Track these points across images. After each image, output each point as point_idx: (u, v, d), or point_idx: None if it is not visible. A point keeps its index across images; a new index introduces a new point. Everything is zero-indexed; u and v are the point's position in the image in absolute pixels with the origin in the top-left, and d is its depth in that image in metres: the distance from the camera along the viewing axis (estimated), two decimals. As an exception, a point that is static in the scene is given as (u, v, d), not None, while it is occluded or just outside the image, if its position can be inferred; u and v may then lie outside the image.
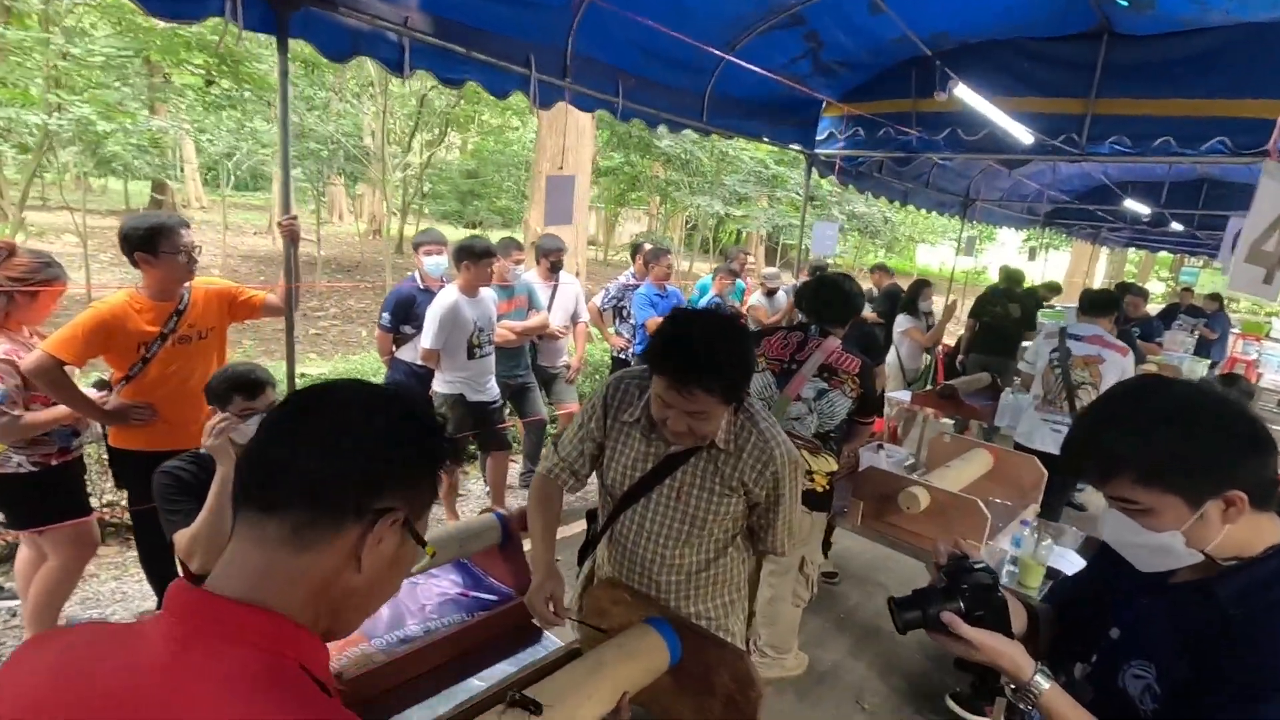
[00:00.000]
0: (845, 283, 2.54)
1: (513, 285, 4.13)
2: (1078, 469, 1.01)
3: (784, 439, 1.52)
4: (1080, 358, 3.57)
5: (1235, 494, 0.91)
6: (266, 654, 0.61)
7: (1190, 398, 0.95)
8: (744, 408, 1.52)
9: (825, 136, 5.47)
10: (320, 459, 0.67)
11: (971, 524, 2.26)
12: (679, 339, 1.33)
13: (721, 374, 1.31)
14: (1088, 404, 2.25)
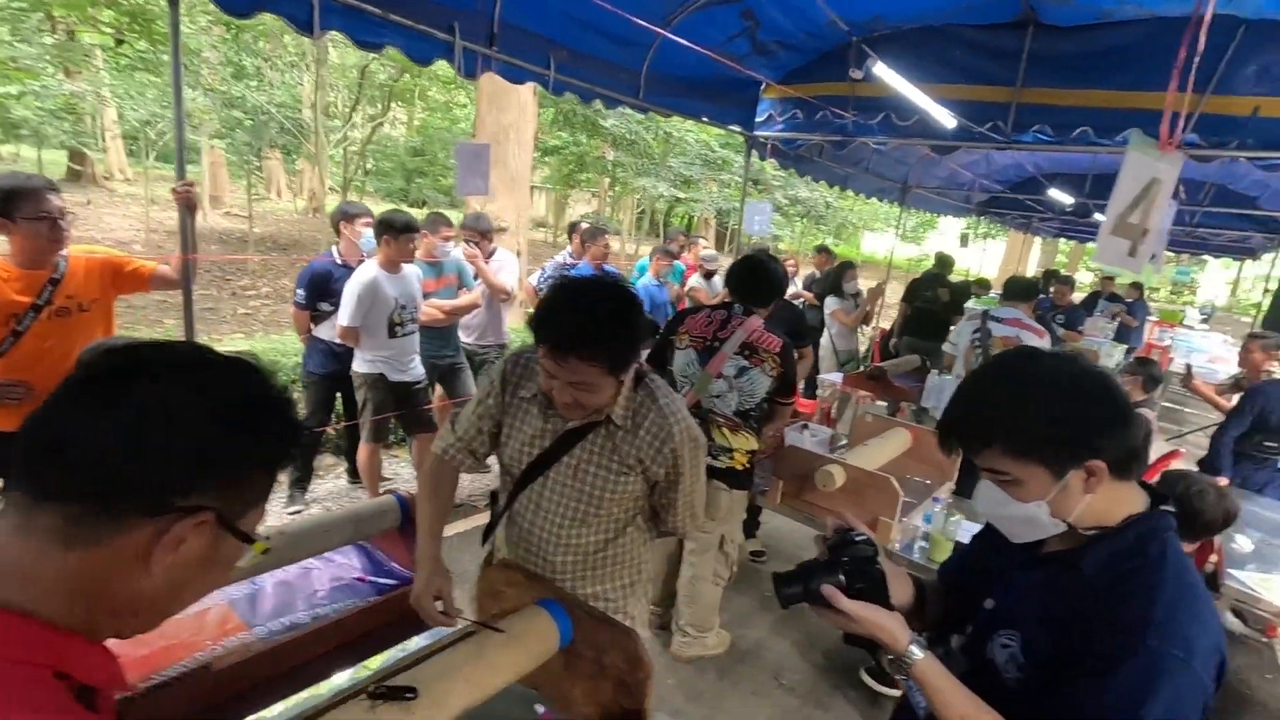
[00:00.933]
0: (769, 263, 2.53)
1: (441, 262, 4.00)
2: (951, 441, 1.01)
3: (685, 416, 1.48)
4: (1000, 339, 3.68)
5: (1096, 464, 0.92)
6: (6, 663, 0.53)
7: (1055, 370, 0.95)
8: (645, 383, 1.47)
9: (764, 118, 5.47)
10: (113, 444, 0.57)
11: (885, 501, 2.30)
12: (559, 306, 1.28)
13: (601, 343, 1.26)
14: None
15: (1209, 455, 3.72)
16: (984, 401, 0.97)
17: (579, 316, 1.25)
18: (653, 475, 1.47)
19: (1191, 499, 2.03)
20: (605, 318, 1.26)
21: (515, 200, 7.40)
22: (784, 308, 3.51)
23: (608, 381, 1.34)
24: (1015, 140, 4.39)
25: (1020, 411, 0.93)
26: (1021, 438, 0.93)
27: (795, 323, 3.51)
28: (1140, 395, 3.91)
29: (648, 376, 1.49)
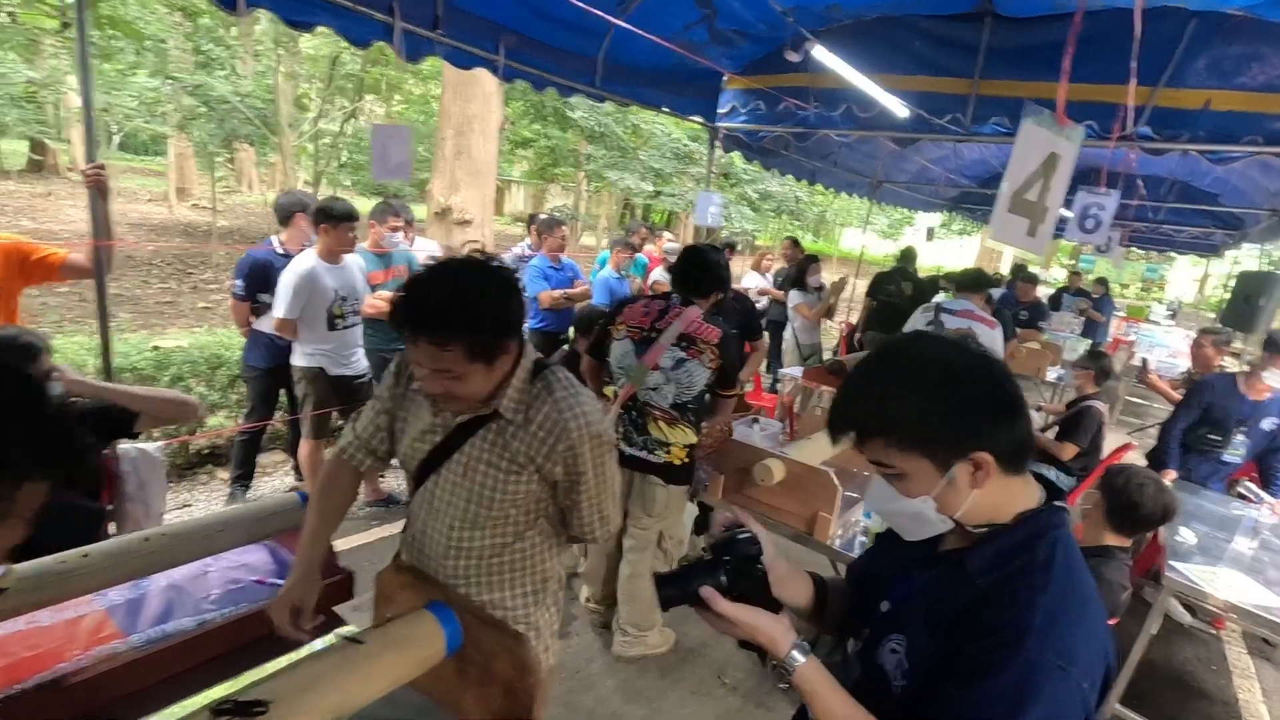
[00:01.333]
0: (710, 254, 2.46)
1: (390, 254, 3.89)
2: (836, 431, 0.95)
3: (586, 411, 1.35)
4: (952, 330, 3.65)
5: (982, 456, 0.86)
6: None
7: (940, 357, 0.89)
8: (545, 375, 1.37)
9: (728, 110, 5.41)
10: None
11: (824, 496, 2.25)
12: (414, 287, 1.19)
13: (449, 326, 1.16)
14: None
15: (1157, 448, 3.73)
16: (866, 391, 0.91)
17: (429, 297, 1.16)
18: (549, 475, 1.35)
19: (1130, 491, 2.00)
20: (458, 299, 1.15)
21: (481, 192, 7.28)
22: (736, 300, 3.46)
23: (475, 369, 1.23)
24: (975, 132, 4.37)
25: (902, 401, 0.87)
26: (903, 429, 0.87)
27: (747, 316, 3.46)
28: (1092, 388, 3.91)
29: (550, 368, 1.39)
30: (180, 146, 18.24)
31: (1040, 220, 1.67)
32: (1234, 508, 3.40)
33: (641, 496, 2.42)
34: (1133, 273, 32.46)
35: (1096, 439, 3.84)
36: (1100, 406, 3.80)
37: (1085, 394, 3.90)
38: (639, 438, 2.37)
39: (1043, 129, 1.86)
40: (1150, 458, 3.81)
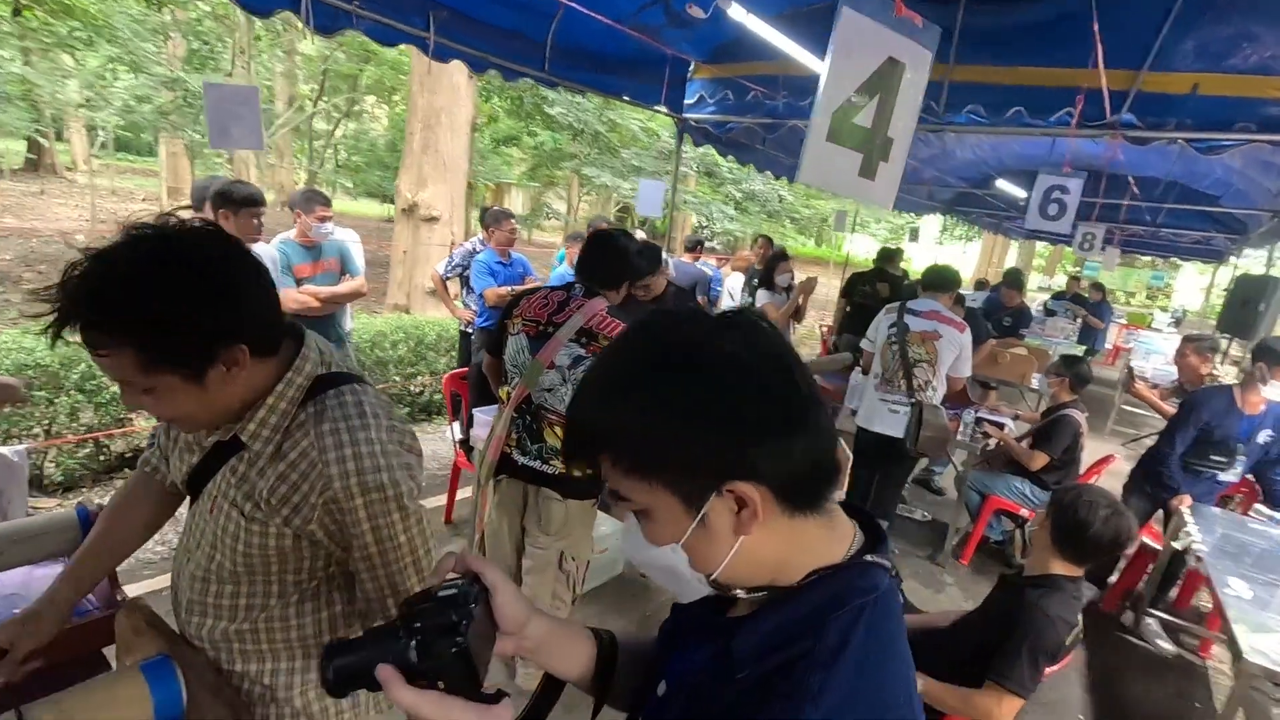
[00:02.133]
0: (619, 239, 2.19)
1: (320, 245, 3.63)
2: (568, 449, 0.67)
3: (363, 454, 0.99)
4: (917, 333, 3.37)
5: (745, 489, 0.58)
6: None
7: (691, 341, 0.60)
8: (326, 396, 1.03)
9: (695, 100, 5.15)
10: None
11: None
12: (71, 268, 0.85)
13: (106, 325, 0.84)
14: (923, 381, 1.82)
15: (1154, 470, 3.38)
16: (586, 391, 0.63)
17: (79, 282, 0.83)
18: (304, 532, 1.01)
19: (1079, 511, 1.72)
20: (114, 286, 0.83)
21: (449, 188, 7.03)
22: (678, 296, 3.19)
23: (168, 384, 0.89)
24: (949, 121, 4.09)
25: (625, 404, 0.60)
26: (627, 444, 0.60)
27: None
28: (1068, 395, 3.62)
29: (343, 388, 1.05)
30: (174, 146, 18.09)
31: (880, 156, 1.30)
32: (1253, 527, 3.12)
33: (536, 512, 2.15)
34: (1138, 280, 32.01)
35: (1073, 450, 3.54)
36: (1077, 415, 3.51)
37: (1061, 402, 3.61)
38: (533, 445, 2.10)
39: (873, 23, 1.30)
40: (1134, 475, 3.50)
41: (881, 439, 3.46)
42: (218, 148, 2.75)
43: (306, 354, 1.04)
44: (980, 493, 3.76)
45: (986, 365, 5.57)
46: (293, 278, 3.54)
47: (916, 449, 3.30)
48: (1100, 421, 7.49)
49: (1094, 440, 7.00)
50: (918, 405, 3.31)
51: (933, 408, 3.33)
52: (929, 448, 3.33)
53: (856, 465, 3.69)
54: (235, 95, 2.25)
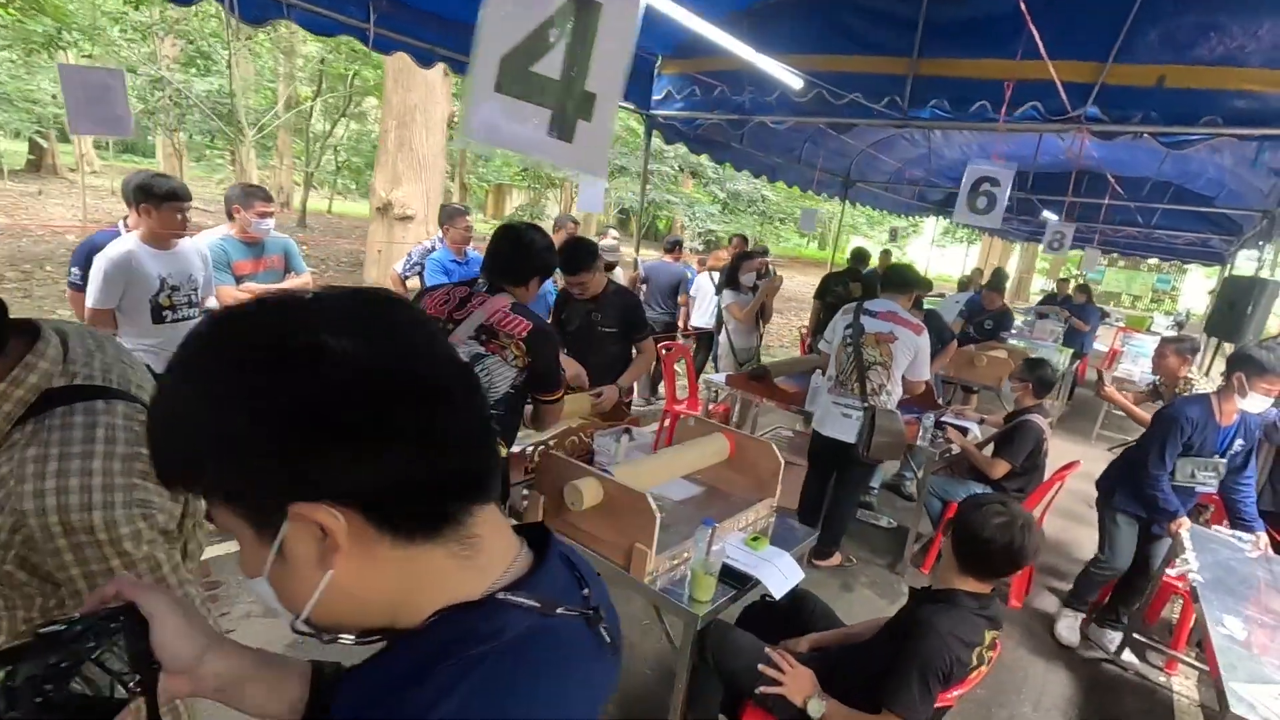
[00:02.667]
0: (527, 233, 2.09)
1: (263, 242, 3.55)
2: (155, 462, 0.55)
3: (75, 485, 0.86)
4: (872, 335, 3.26)
5: (317, 511, 0.47)
6: None
7: (234, 337, 0.49)
8: (49, 415, 0.90)
9: (663, 96, 5.05)
10: None
11: (641, 525, 1.86)
12: None
13: None
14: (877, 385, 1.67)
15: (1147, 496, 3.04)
16: (165, 400, 0.52)
17: None
18: None
19: (971, 516, 1.60)
20: None
21: (424, 187, 6.95)
22: (617, 294, 3.08)
23: None
24: (913, 116, 3.98)
25: (183, 411, 0.49)
26: (184, 457, 0.50)
27: (631, 312, 3.09)
28: (1031, 400, 3.50)
29: (72, 407, 0.91)
30: (168, 146, 18.10)
31: (578, 114, 1.07)
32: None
33: None
34: (1143, 283, 31.73)
35: (1035, 457, 3.42)
36: (1039, 421, 3.39)
37: (1024, 407, 3.48)
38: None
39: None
40: (1125, 491, 3.21)
41: (835, 444, 3.34)
42: (78, 133, 2.63)
43: (33, 362, 0.90)
44: (942, 499, 3.63)
45: (964, 368, 5.44)
46: (231, 274, 3.45)
47: (869, 454, 3.18)
48: (1087, 425, 7.33)
49: (1080, 445, 6.86)
50: (870, 409, 3.20)
51: (887, 412, 3.21)
52: (882, 453, 3.21)
53: (811, 470, 3.57)
54: (96, 79, 2.15)
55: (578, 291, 2.97)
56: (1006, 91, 3.37)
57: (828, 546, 3.52)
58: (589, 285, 2.93)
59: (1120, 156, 7.76)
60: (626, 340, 3.07)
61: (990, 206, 3.18)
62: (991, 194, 3.12)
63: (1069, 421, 7.57)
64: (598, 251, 2.91)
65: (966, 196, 3.13)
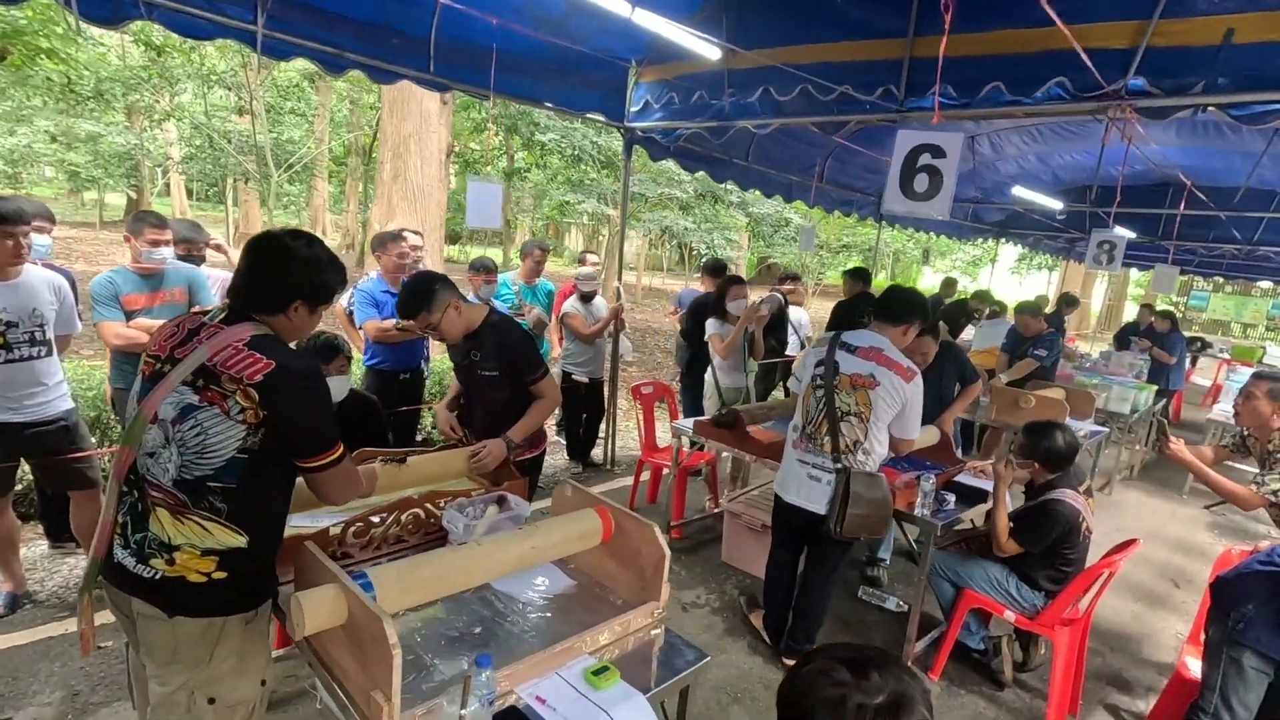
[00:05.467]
0: (282, 242, 1.53)
1: (162, 272, 3.20)
2: None
3: None
4: (848, 377, 2.55)
5: None
6: None
7: None
8: None
9: (641, 107, 4.53)
10: None
11: (381, 661, 1.25)
12: None
13: None
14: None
15: None
16: None
17: None
18: None
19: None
20: None
21: (420, 217, 6.66)
22: (495, 329, 2.47)
23: None
24: (912, 107, 3.29)
25: None
26: None
27: (513, 351, 2.40)
28: (1045, 477, 2.66)
29: None
30: (247, 193, 18.86)
31: None
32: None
33: (135, 633, 1.50)
34: (1256, 310, 28.50)
35: (1071, 544, 2.58)
36: (1071, 500, 2.55)
37: (1046, 481, 2.65)
38: (135, 535, 1.46)
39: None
40: (1256, 597, 2.18)
41: (802, 513, 2.62)
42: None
43: None
44: (953, 583, 2.82)
45: (1007, 411, 4.55)
46: (120, 309, 3.09)
47: (842, 530, 2.45)
48: (1179, 476, 6.13)
49: (1169, 502, 5.67)
50: (844, 473, 2.48)
51: (865, 476, 2.48)
52: (858, 529, 2.47)
53: (775, 543, 2.85)
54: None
55: (435, 335, 2.42)
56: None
57: (800, 643, 2.76)
58: (438, 329, 2.36)
59: (1207, 163, 6.68)
60: (516, 384, 2.47)
61: (934, 190, 2.49)
62: (933, 169, 2.42)
63: (1155, 472, 6.39)
64: (436, 291, 2.33)
65: (899, 175, 2.45)
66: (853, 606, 3.40)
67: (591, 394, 4.90)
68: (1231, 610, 2.06)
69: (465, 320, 2.40)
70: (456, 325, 2.37)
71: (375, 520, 1.90)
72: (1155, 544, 4.70)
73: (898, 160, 2.59)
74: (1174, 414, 9.04)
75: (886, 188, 2.76)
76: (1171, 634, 3.50)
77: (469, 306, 2.42)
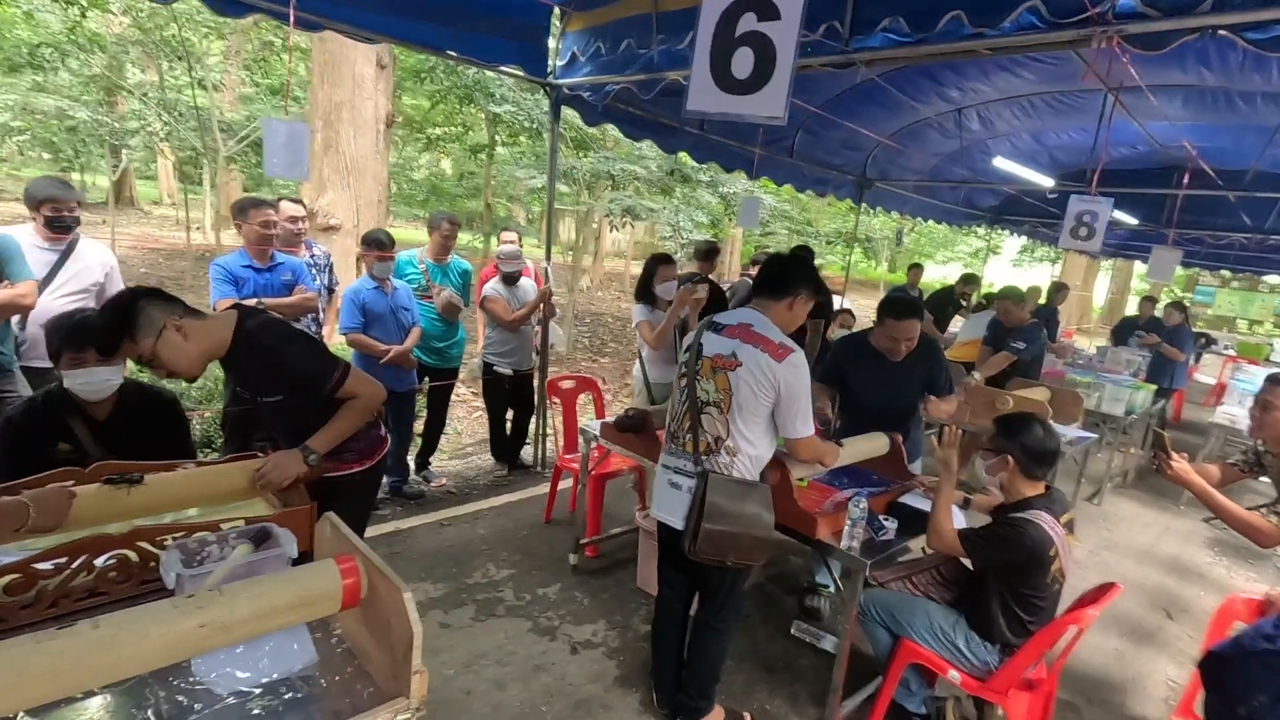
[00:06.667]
0: None
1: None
2: None
3: None
4: (709, 359, 2.01)
5: None
6: None
7: None
8: None
9: (568, 60, 3.96)
10: None
11: None
12: None
13: None
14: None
15: None
16: None
17: None
18: None
19: None
20: None
21: (353, 193, 6.11)
22: (254, 334, 1.87)
23: None
24: (859, 47, 2.72)
25: None
26: None
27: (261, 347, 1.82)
28: (1025, 486, 2.11)
29: None
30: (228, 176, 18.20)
31: None
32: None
33: None
34: (1263, 306, 27.75)
35: (1030, 583, 2.04)
36: (1045, 525, 2.00)
37: (1022, 498, 2.11)
38: None
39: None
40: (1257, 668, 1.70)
41: (665, 531, 2.12)
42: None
43: None
44: (889, 629, 2.29)
45: (984, 412, 3.99)
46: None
47: (695, 550, 1.93)
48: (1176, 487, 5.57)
49: (1163, 514, 5.06)
50: (703, 477, 1.95)
51: (730, 484, 1.96)
52: (718, 550, 1.95)
53: (660, 578, 2.31)
54: None
55: (160, 371, 1.81)
56: None
57: (695, 702, 2.23)
58: (160, 361, 1.72)
59: (1215, 141, 6.06)
60: (318, 401, 1.91)
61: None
62: (764, 39, 1.91)
63: (1151, 479, 5.82)
64: (140, 310, 1.68)
65: (709, 50, 2.01)
66: (783, 647, 2.87)
67: (517, 388, 4.37)
68: (1239, 704, 1.52)
69: (201, 343, 1.76)
70: (186, 352, 1.73)
71: (44, 568, 1.37)
72: (1146, 564, 4.16)
73: (707, 22, 2.04)
74: (1174, 414, 8.47)
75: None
76: (1161, 680, 2.96)
77: (203, 323, 1.78)
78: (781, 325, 2.05)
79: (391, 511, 3.75)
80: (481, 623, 2.77)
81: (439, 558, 3.25)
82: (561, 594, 3.05)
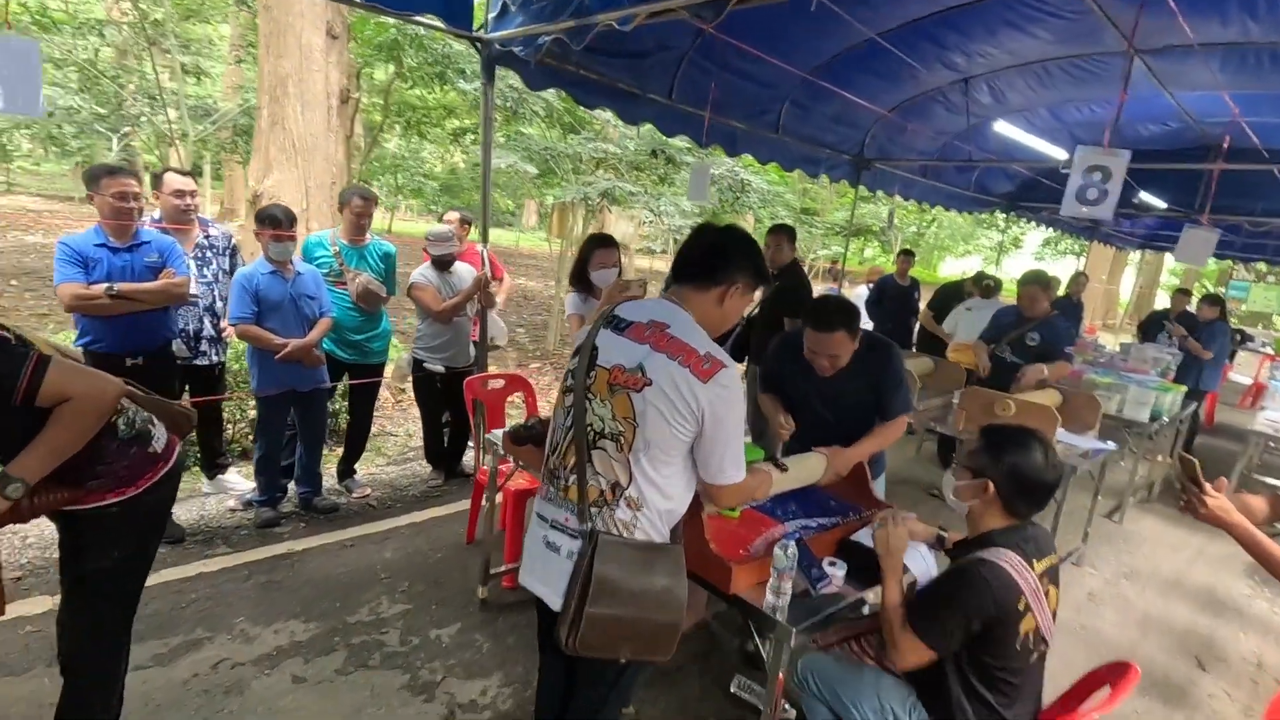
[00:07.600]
0: None
1: None
2: None
3: None
4: (606, 370, 1.47)
5: None
6: None
7: None
8: None
9: (499, 11, 3.44)
10: None
11: None
12: None
13: None
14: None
15: None
16: None
17: None
18: None
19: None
20: None
21: (301, 173, 5.65)
22: None
23: None
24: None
25: None
26: None
27: None
28: (998, 517, 1.56)
29: None
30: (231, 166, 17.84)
31: None
32: None
33: None
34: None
35: (992, 649, 1.50)
36: (1012, 570, 1.46)
37: (985, 530, 1.57)
38: None
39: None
40: None
41: (538, 605, 1.59)
42: None
43: None
44: (828, 705, 1.76)
45: (982, 420, 3.42)
46: None
47: (575, 644, 1.40)
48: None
49: (1195, 534, 4.38)
50: (591, 539, 1.42)
51: (627, 549, 1.43)
52: (605, 645, 1.43)
53: (541, 655, 1.80)
54: None
55: None
56: None
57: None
58: None
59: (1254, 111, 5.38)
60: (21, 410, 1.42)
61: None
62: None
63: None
64: None
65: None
66: (718, 707, 2.34)
67: (451, 388, 3.87)
68: None
69: None
70: None
71: None
72: (1174, 597, 3.57)
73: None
74: (1206, 418, 7.77)
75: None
76: None
77: None
78: (708, 326, 1.49)
79: (292, 529, 3.27)
80: (346, 677, 2.27)
81: (326, 588, 2.76)
82: (458, 637, 2.55)
